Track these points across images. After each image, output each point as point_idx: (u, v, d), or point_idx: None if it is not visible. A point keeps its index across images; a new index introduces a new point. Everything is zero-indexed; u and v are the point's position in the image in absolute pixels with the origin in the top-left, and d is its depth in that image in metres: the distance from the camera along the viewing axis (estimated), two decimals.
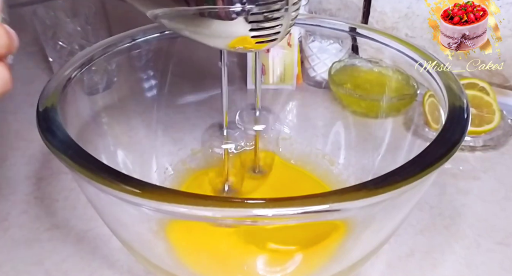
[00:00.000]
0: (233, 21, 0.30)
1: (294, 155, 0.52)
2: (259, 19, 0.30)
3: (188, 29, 0.32)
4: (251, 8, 0.29)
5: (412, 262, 0.42)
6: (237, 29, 0.30)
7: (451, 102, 0.33)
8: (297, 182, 0.50)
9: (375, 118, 0.52)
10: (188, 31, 0.32)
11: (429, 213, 0.48)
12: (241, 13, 0.29)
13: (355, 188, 0.25)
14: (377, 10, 0.68)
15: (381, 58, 0.53)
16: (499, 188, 0.51)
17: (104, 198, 0.29)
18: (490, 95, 0.58)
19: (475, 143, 0.56)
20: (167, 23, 0.32)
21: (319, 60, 0.63)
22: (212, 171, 0.48)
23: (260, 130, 0.47)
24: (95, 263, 0.42)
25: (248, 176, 0.48)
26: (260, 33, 0.31)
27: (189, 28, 0.32)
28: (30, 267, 0.42)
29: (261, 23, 0.30)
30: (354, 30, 0.45)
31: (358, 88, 0.55)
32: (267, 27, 0.31)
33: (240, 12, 0.29)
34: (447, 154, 0.28)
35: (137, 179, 0.26)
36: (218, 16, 0.29)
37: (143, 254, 0.35)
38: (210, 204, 0.24)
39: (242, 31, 0.30)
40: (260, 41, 0.31)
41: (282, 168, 0.51)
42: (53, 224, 0.46)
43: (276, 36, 0.32)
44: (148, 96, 0.49)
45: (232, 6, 0.29)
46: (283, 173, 0.50)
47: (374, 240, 0.34)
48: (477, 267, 0.42)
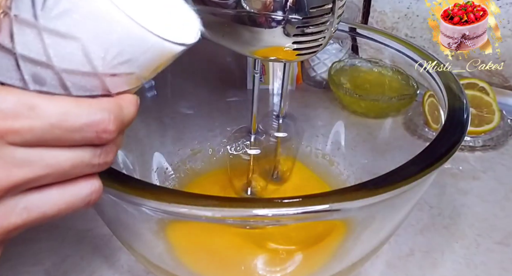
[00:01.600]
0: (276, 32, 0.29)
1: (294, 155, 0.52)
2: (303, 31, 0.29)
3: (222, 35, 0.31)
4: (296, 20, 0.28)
5: (412, 262, 0.42)
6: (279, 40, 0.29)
7: (451, 102, 0.33)
8: (315, 188, 0.49)
9: (375, 118, 0.52)
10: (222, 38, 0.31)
11: (429, 213, 0.48)
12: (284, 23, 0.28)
13: (355, 188, 0.25)
14: (377, 10, 0.68)
15: (381, 58, 0.53)
16: (498, 188, 0.51)
17: (104, 198, 0.29)
18: (490, 95, 0.58)
19: (474, 143, 0.56)
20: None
21: (319, 60, 0.63)
22: (234, 176, 0.47)
23: (282, 137, 0.46)
24: (95, 263, 0.42)
25: (268, 181, 0.48)
26: (303, 46, 0.30)
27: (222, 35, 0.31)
28: (30, 267, 0.42)
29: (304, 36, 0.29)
30: (354, 30, 0.45)
31: (358, 88, 0.55)
32: (310, 40, 0.30)
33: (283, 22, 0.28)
34: (447, 154, 0.28)
35: (137, 179, 0.26)
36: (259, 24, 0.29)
37: (143, 254, 0.35)
38: (210, 204, 0.24)
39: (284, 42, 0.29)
40: (301, 53, 0.31)
41: (301, 175, 0.50)
42: (52, 224, 0.46)
43: (317, 49, 0.31)
44: (148, 96, 0.49)
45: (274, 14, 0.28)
46: (303, 179, 0.50)
47: (374, 240, 0.34)
48: (477, 266, 0.42)
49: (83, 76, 0.19)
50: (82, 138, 0.19)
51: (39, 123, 0.18)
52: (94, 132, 0.19)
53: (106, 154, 0.21)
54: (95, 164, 0.20)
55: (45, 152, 0.19)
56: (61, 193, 0.20)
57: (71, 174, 0.20)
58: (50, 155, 0.19)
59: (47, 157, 0.19)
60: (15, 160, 0.18)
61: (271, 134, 0.46)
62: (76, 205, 0.21)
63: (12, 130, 0.18)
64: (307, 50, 0.31)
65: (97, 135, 0.19)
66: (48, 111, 0.18)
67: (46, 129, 0.18)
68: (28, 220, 0.20)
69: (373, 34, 0.44)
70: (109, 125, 0.19)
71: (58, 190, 0.20)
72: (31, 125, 0.18)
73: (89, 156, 0.20)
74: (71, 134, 0.19)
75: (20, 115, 0.18)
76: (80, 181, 0.20)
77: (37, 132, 0.18)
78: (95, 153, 0.20)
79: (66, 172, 0.19)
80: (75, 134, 0.19)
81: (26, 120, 0.18)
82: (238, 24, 0.29)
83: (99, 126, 0.19)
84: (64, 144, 0.19)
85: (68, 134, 0.19)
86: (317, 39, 0.30)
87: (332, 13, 0.29)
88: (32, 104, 0.18)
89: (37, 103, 0.18)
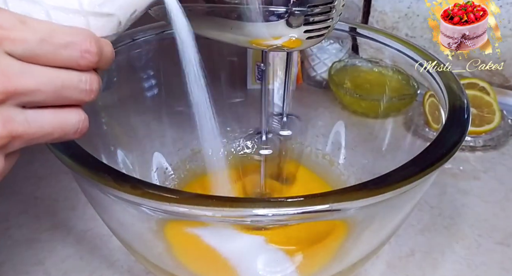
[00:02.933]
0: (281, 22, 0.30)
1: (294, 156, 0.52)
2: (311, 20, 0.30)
3: (230, 28, 0.31)
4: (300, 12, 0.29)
5: (412, 262, 0.42)
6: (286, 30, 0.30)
7: (451, 102, 0.33)
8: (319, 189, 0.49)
9: (375, 118, 0.52)
10: (230, 30, 0.32)
11: (429, 213, 0.47)
12: (286, 15, 0.29)
13: (355, 188, 0.25)
14: (377, 10, 0.68)
15: (381, 58, 0.53)
16: (499, 188, 0.51)
17: (104, 198, 0.29)
18: (490, 95, 0.58)
19: (475, 143, 0.56)
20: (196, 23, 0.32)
21: (319, 60, 0.63)
22: (247, 179, 0.47)
23: (287, 135, 0.46)
24: (94, 263, 0.42)
25: (275, 184, 0.48)
26: (312, 27, 0.31)
27: (219, 29, 0.31)
28: (30, 267, 0.42)
29: (312, 24, 0.30)
30: (354, 30, 0.45)
31: (358, 88, 0.55)
32: (318, 21, 0.30)
33: (285, 14, 0.29)
34: (447, 154, 0.28)
35: (137, 179, 0.26)
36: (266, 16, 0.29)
37: (143, 254, 0.35)
38: (210, 204, 0.24)
39: (292, 31, 0.30)
40: (310, 36, 0.31)
41: (305, 178, 0.50)
42: (52, 224, 0.46)
43: (326, 30, 0.32)
44: (148, 96, 0.49)
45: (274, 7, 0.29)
46: (307, 183, 0.50)
47: (375, 240, 0.34)
48: (477, 267, 0.42)
49: (69, 14, 0.22)
50: (68, 56, 0.22)
51: (31, 35, 0.21)
52: (78, 51, 0.22)
53: (91, 82, 0.23)
54: (82, 89, 0.23)
55: (39, 68, 0.21)
56: (54, 115, 0.23)
57: (61, 95, 0.22)
58: (43, 72, 0.21)
59: (40, 72, 0.21)
60: (12, 70, 0.20)
61: (277, 134, 0.46)
62: (68, 130, 0.23)
63: (8, 38, 0.20)
64: (316, 32, 0.31)
65: (81, 55, 0.22)
66: (38, 27, 0.21)
67: (37, 42, 0.21)
68: (28, 131, 0.22)
69: (374, 33, 0.44)
70: (91, 46, 0.22)
71: (51, 112, 0.22)
72: (25, 36, 0.20)
73: (76, 79, 0.22)
74: (59, 51, 0.21)
75: (14, 27, 0.20)
76: (70, 109, 0.23)
77: (30, 44, 0.21)
78: (81, 78, 0.23)
79: (58, 91, 0.22)
80: (62, 51, 0.21)
81: (20, 31, 0.20)
82: (247, 18, 0.30)
83: (82, 45, 0.22)
84: (53, 63, 0.22)
85: (56, 51, 0.21)
86: (325, 20, 0.31)
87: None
88: (24, 20, 0.21)
89: (28, 20, 0.21)
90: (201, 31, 0.32)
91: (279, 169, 0.48)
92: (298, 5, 0.29)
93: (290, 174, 0.49)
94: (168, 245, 0.35)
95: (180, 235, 0.37)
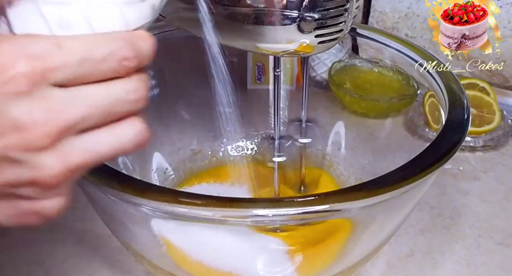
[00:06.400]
0: (292, 28, 0.29)
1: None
2: (324, 23, 0.29)
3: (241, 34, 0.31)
4: (311, 18, 0.29)
5: (412, 262, 0.42)
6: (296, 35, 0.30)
7: (451, 103, 0.33)
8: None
9: (375, 118, 0.52)
10: (241, 37, 0.31)
11: (430, 214, 0.47)
12: (297, 20, 0.29)
13: (355, 188, 0.25)
14: (377, 10, 0.68)
15: (381, 58, 0.53)
16: (499, 189, 0.51)
17: (104, 198, 0.29)
18: (490, 95, 0.58)
19: (475, 143, 0.56)
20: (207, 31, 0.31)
21: (319, 60, 0.63)
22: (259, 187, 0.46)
23: (306, 142, 0.45)
24: (95, 263, 0.42)
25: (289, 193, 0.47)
26: (324, 31, 0.30)
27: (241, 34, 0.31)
28: (30, 267, 0.42)
29: (324, 28, 0.30)
30: (354, 30, 0.45)
31: (358, 88, 0.55)
32: (330, 24, 0.30)
33: (296, 19, 0.29)
34: (447, 154, 0.28)
35: (137, 179, 0.26)
36: (274, 21, 0.29)
37: (143, 254, 0.35)
38: (210, 204, 0.24)
39: (303, 37, 0.30)
40: (322, 41, 0.30)
41: (329, 187, 0.49)
42: (53, 224, 0.46)
43: (338, 34, 0.31)
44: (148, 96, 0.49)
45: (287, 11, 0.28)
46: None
47: (375, 240, 0.34)
48: (477, 267, 0.42)
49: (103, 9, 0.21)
50: (108, 68, 0.21)
51: (71, 57, 0.20)
52: (116, 61, 0.21)
53: (137, 90, 0.22)
54: (131, 100, 0.22)
55: (83, 90, 0.20)
56: (110, 133, 0.22)
57: (113, 113, 0.21)
58: (88, 93, 0.20)
59: (85, 95, 0.20)
60: (60, 102, 0.20)
61: (296, 140, 0.45)
62: (127, 146, 0.22)
63: (50, 68, 0.19)
64: (328, 36, 0.31)
65: (119, 63, 0.21)
66: (74, 47, 0.20)
67: (78, 63, 0.20)
68: (87, 159, 0.21)
69: (374, 34, 0.44)
70: (127, 52, 0.21)
71: (107, 131, 0.22)
72: (65, 60, 0.20)
73: (121, 91, 0.21)
74: (99, 66, 0.20)
75: (52, 53, 0.19)
76: (124, 123, 0.22)
77: (71, 67, 0.20)
78: (126, 88, 0.22)
79: (108, 110, 0.21)
80: (102, 66, 0.20)
81: (59, 57, 0.19)
82: (259, 23, 0.29)
83: (118, 54, 0.21)
84: (95, 79, 0.21)
85: (96, 67, 0.20)
86: (337, 23, 0.30)
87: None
88: (59, 43, 0.20)
89: (63, 42, 0.20)
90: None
91: (296, 177, 0.47)
92: (309, 10, 0.28)
93: (312, 181, 0.48)
94: (168, 245, 0.35)
95: (181, 235, 0.37)
